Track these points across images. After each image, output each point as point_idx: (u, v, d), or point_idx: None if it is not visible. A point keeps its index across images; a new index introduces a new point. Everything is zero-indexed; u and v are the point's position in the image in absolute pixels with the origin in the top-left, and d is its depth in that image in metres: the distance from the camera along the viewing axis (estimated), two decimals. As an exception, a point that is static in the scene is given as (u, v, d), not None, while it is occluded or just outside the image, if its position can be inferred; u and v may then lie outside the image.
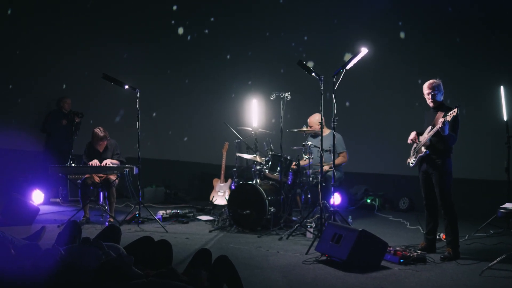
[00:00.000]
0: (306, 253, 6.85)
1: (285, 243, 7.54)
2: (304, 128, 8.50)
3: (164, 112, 12.31)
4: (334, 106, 7.31)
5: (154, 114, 12.24)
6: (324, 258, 6.54)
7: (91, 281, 4.01)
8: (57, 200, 10.74)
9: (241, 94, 10.99)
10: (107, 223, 8.54)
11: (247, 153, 9.11)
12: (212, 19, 11.92)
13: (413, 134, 6.96)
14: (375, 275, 6.00)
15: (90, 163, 8.71)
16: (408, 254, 6.44)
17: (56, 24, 11.94)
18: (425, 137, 6.72)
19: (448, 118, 6.36)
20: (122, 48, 12.17)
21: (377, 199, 10.32)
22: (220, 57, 11.84)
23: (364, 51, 7.17)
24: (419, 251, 6.62)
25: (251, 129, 9.17)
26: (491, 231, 8.14)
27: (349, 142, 10.07)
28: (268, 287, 5.65)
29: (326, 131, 8.92)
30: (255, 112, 10.10)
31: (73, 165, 8.77)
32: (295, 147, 8.75)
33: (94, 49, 11.97)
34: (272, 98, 8.48)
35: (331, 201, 7.88)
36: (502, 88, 8.43)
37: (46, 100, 11.85)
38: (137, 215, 8.53)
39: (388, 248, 6.55)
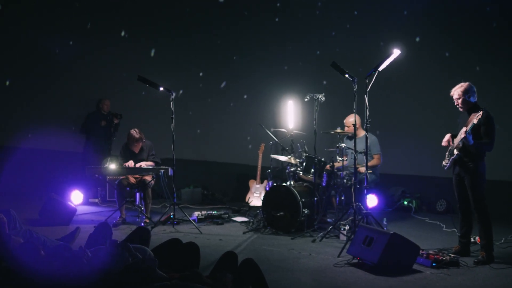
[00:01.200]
0: (338, 256, 6.84)
1: (318, 245, 7.53)
2: (339, 130, 8.45)
3: (201, 113, 12.37)
4: (366, 107, 7.26)
5: (190, 113, 12.31)
6: (355, 261, 6.51)
7: (115, 284, 4.07)
8: (96, 200, 10.91)
9: (277, 95, 10.98)
10: (142, 224, 8.66)
11: (282, 155, 9.12)
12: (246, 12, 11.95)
13: (447, 137, 6.86)
14: (406, 278, 5.95)
15: (125, 164, 8.83)
16: (441, 258, 6.37)
17: (95, 25, 12.10)
18: (458, 139, 6.62)
19: (466, 129, 6.39)
20: (159, 49, 12.27)
21: (414, 201, 10.20)
22: (256, 57, 11.85)
23: (396, 52, 7.10)
24: (452, 255, 6.54)
25: (285, 130, 9.17)
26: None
27: (386, 143, 9.99)
28: (297, 289, 5.67)
29: (362, 133, 8.87)
30: (290, 114, 10.10)
31: (111, 166, 8.91)
32: (329, 149, 8.71)
33: (133, 50, 12.09)
34: (306, 99, 8.47)
35: (365, 203, 7.83)
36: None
37: (86, 102, 12.01)
38: (171, 216, 8.60)
39: (421, 252, 6.49)
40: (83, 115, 11.90)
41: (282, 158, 8.98)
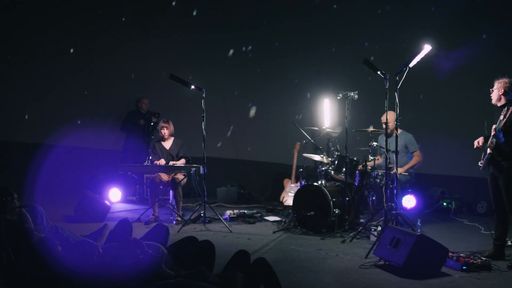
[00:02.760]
0: (366, 257, 6.66)
1: (347, 246, 7.37)
2: (371, 128, 8.24)
3: (239, 112, 12.34)
4: (397, 105, 7.06)
5: (228, 112, 12.30)
6: (382, 262, 6.33)
7: (122, 280, 4.04)
8: (134, 198, 10.98)
9: (314, 93, 10.86)
10: (174, 222, 8.66)
11: (315, 154, 8.98)
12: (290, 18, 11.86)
13: (481, 140, 6.60)
14: (433, 282, 5.74)
15: (156, 162, 8.86)
16: (472, 261, 6.12)
17: (134, 24, 12.20)
18: (491, 138, 6.38)
19: (495, 127, 6.18)
20: (195, 47, 12.31)
21: (453, 202, 9.91)
22: (293, 56, 11.75)
23: (427, 48, 6.89)
24: (484, 258, 6.28)
25: (317, 128, 9.00)
26: None
27: (426, 142, 9.76)
28: (319, 290, 5.54)
29: (399, 131, 8.67)
30: (326, 112, 9.95)
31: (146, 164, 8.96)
32: (362, 148, 8.52)
33: (171, 48, 12.14)
34: (338, 97, 8.32)
35: (399, 203, 7.64)
36: None
37: (126, 100, 12.10)
38: (202, 215, 8.57)
39: (451, 254, 6.26)
40: (124, 114, 11.98)
41: (315, 157, 8.84)
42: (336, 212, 7.96)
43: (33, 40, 11.54)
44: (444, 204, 10.00)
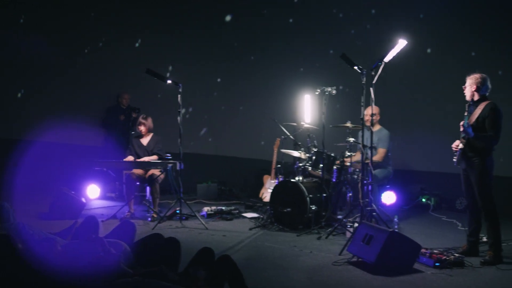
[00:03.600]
0: (340, 254, 6.61)
1: (322, 242, 7.31)
2: (348, 124, 8.16)
3: (221, 108, 12.26)
4: (372, 101, 6.99)
5: (211, 107, 12.21)
6: (355, 259, 6.28)
7: (80, 277, 3.96)
8: (113, 195, 10.87)
9: (294, 89, 10.76)
10: (149, 219, 8.58)
11: (294, 150, 8.91)
12: (265, 11, 11.76)
13: (457, 142, 6.55)
14: (404, 278, 5.69)
15: (125, 159, 8.79)
16: (444, 258, 6.08)
17: (114, 18, 12.10)
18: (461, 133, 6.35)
19: (462, 123, 6.22)
20: (178, 43, 12.23)
21: (432, 199, 9.87)
22: (274, 51, 11.68)
23: (402, 43, 6.82)
24: (457, 254, 6.24)
25: (296, 124, 8.92)
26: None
27: (406, 138, 9.75)
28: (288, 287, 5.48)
29: (377, 127, 8.65)
30: (307, 108, 9.85)
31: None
32: (339, 144, 8.46)
33: (152, 44, 12.06)
34: (316, 93, 8.25)
35: (377, 199, 7.60)
36: None
37: (107, 96, 12.00)
38: (177, 211, 8.49)
39: (424, 251, 6.22)
40: (104, 109, 11.88)
41: (294, 153, 8.78)
42: (313, 208, 7.89)
43: (10, 34, 11.38)
44: (423, 200, 9.96)
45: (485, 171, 6.26)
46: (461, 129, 6.25)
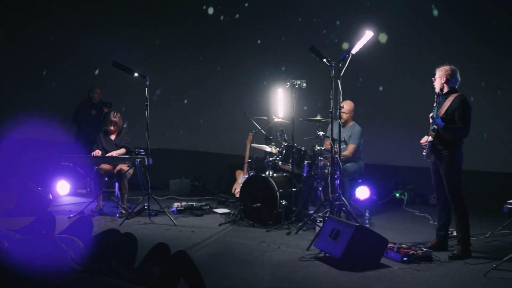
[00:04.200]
0: (307, 249, 6.50)
1: (292, 238, 7.19)
2: (318, 117, 8.05)
3: (195, 102, 12.11)
4: (340, 93, 6.88)
5: (185, 102, 12.07)
6: (322, 255, 6.18)
7: (29, 274, 3.83)
8: (84, 191, 10.69)
9: (268, 83, 10.65)
10: (117, 215, 8.43)
11: (265, 144, 8.79)
12: (246, 4, 11.62)
13: (425, 138, 6.47)
14: (370, 274, 5.59)
15: (93, 153, 8.62)
16: (412, 252, 5.99)
17: (85, 10, 11.94)
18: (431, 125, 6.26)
19: (431, 115, 6.19)
20: (152, 37, 12.07)
21: (406, 193, 9.79)
22: (247, 44, 11.56)
23: (369, 34, 6.73)
24: (425, 249, 6.14)
25: (266, 118, 8.78)
26: (517, 228, 7.51)
27: (380, 133, 9.65)
28: (252, 284, 5.34)
29: (350, 123, 8.55)
30: (280, 101, 9.72)
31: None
32: (308, 137, 8.34)
33: (125, 37, 11.89)
34: (287, 86, 8.12)
35: (354, 194, 7.53)
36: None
37: (78, 91, 11.81)
38: (145, 207, 8.34)
39: (392, 245, 6.14)
40: (75, 104, 11.68)
41: (265, 147, 8.65)
42: (283, 203, 7.77)
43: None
44: (397, 195, 9.88)
45: (454, 164, 6.18)
46: (431, 120, 6.16)
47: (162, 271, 4.17)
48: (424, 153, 6.48)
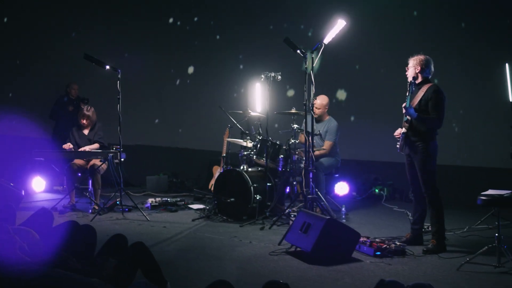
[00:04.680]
0: (279, 244, 6.35)
1: (265, 233, 7.04)
2: (293, 110, 7.90)
3: (173, 98, 11.95)
4: (312, 84, 6.74)
5: (163, 98, 11.91)
6: (293, 249, 6.04)
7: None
8: (60, 188, 10.49)
9: (246, 77, 10.47)
10: (90, 211, 8.26)
11: (241, 138, 8.61)
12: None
13: (399, 130, 6.34)
14: (341, 267, 5.45)
15: (64, 146, 8.44)
16: (385, 246, 5.85)
17: (62, 8, 11.77)
18: (404, 117, 6.13)
19: (404, 105, 6.02)
20: (128, 32, 11.91)
21: (385, 189, 9.64)
22: (223, 39, 11.42)
23: (341, 23, 6.59)
24: (399, 243, 6.00)
25: (241, 112, 8.60)
26: (496, 222, 7.32)
27: (359, 128, 9.51)
28: (217, 279, 5.16)
29: (326, 117, 8.41)
30: (257, 95, 9.54)
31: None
32: (283, 131, 8.20)
33: (101, 33, 11.73)
34: (261, 79, 7.98)
35: (332, 189, 7.40)
36: (507, 66, 7.57)
37: (55, 87, 11.62)
38: (118, 202, 8.17)
39: (365, 240, 6.00)
40: (53, 100, 11.49)
41: (239, 141, 8.48)
42: (258, 198, 7.61)
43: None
44: (376, 191, 9.73)
45: (429, 156, 6.06)
46: (404, 111, 6.02)
47: (117, 262, 4.03)
48: (398, 146, 6.34)
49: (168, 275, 4.59)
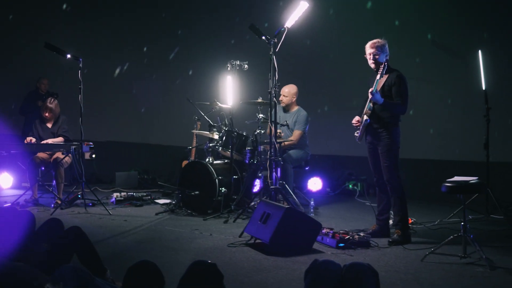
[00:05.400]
0: (240, 236, 6.10)
1: (228, 226, 6.80)
2: (260, 100, 7.64)
3: (143, 94, 11.71)
4: (275, 70, 6.50)
5: (134, 91, 11.66)
6: (253, 241, 5.78)
7: None
8: (28, 184, 10.18)
9: (216, 70, 10.25)
10: (52, 205, 7.98)
11: (209, 131, 8.35)
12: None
13: (356, 118, 6.12)
14: (299, 259, 5.20)
15: (26, 140, 8.16)
16: (348, 237, 5.60)
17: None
18: (367, 104, 5.90)
19: (371, 90, 5.81)
20: (104, 25, 11.67)
21: (359, 184, 9.41)
22: (195, 30, 11.19)
23: (303, 5, 6.35)
24: (363, 234, 5.76)
25: (209, 103, 8.32)
26: (470, 216, 7.11)
27: (333, 122, 9.29)
28: (167, 269, 4.88)
29: (295, 107, 8.18)
30: (227, 86, 9.27)
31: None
32: (249, 121, 7.94)
33: (73, 24, 11.49)
34: (228, 68, 7.73)
35: (291, 180, 7.20)
36: (480, 53, 7.37)
37: (25, 81, 11.35)
38: (79, 196, 7.89)
39: (327, 231, 5.75)
40: (22, 96, 11.22)
41: (206, 133, 8.22)
42: (223, 191, 7.35)
43: None
44: (350, 186, 9.49)
45: (392, 143, 5.85)
46: (369, 96, 5.79)
47: (51, 248, 3.77)
48: (356, 135, 6.12)
49: (115, 265, 4.39)
